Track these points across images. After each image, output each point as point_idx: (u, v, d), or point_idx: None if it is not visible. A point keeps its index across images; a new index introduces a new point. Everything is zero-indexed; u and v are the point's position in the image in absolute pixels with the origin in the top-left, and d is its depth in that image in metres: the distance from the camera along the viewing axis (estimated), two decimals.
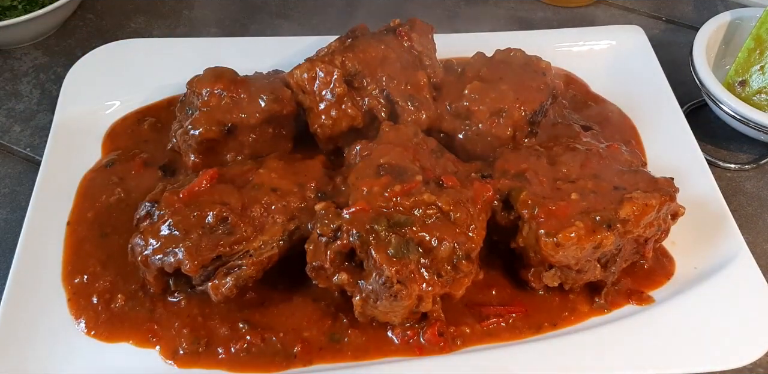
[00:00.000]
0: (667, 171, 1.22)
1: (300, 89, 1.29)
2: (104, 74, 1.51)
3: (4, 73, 1.67)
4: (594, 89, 1.56)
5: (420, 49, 1.35)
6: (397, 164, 1.13)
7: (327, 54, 1.30)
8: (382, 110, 1.28)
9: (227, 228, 1.11)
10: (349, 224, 1.05)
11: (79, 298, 1.18)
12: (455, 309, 1.17)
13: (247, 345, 1.13)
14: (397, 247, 1.03)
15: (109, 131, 1.44)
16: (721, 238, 1.25)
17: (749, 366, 1.11)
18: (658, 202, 1.11)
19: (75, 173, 1.36)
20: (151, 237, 1.11)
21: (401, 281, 1.01)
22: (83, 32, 1.79)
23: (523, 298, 1.20)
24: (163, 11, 1.86)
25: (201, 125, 1.25)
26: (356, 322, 1.12)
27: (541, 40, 1.59)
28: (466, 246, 1.07)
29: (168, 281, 1.15)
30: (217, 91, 1.26)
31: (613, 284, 1.20)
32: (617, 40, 1.61)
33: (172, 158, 1.39)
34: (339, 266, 1.07)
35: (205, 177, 1.17)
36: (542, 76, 1.32)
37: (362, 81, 1.27)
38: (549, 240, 1.08)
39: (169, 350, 1.13)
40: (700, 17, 1.82)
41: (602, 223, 1.08)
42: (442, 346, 1.12)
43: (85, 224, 1.28)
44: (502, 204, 1.17)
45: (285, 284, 1.20)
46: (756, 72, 1.45)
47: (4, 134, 1.54)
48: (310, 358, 1.12)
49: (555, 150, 1.24)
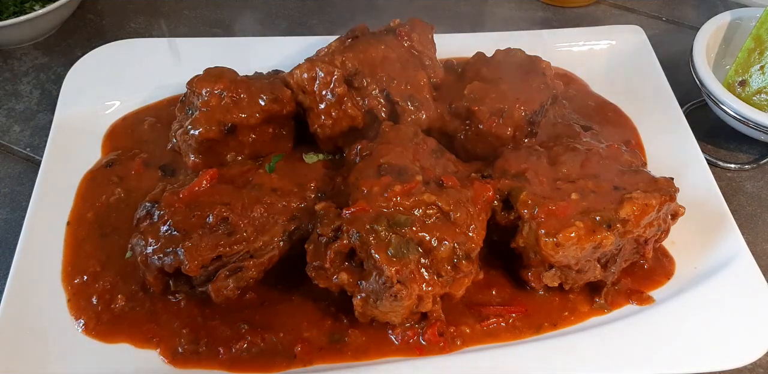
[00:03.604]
0: (667, 171, 1.22)
1: (300, 89, 1.29)
2: (104, 74, 1.51)
3: (4, 73, 1.67)
4: (594, 89, 1.56)
5: (420, 49, 1.35)
6: (397, 164, 1.13)
7: (327, 54, 1.30)
8: (382, 110, 1.28)
9: (227, 228, 1.11)
10: (349, 224, 1.05)
11: (79, 298, 1.18)
12: (455, 309, 1.17)
13: (247, 345, 1.13)
14: (397, 247, 1.03)
15: (109, 131, 1.44)
16: (721, 238, 1.25)
17: (749, 366, 1.12)
18: (658, 202, 1.11)
19: (75, 173, 1.36)
20: (151, 237, 1.11)
21: (401, 281, 1.01)
22: (83, 32, 1.78)
23: (523, 298, 1.20)
24: (163, 11, 1.86)
25: (201, 125, 1.24)
26: (356, 322, 1.12)
27: (541, 40, 1.59)
28: (466, 246, 1.07)
29: (168, 281, 1.14)
30: (217, 92, 1.26)
31: (613, 284, 1.20)
32: (617, 40, 1.61)
33: (172, 158, 1.38)
34: (339, 266, 1.07)
35: (206, 177, 1.17)
36: (542, 76, 1.32)
37: (362, 81, 1.27)
38: (549, 240, 1.08)
39: (169, 350, 1.12)
40: (700, 17, 1.83)
41: (602, 223, 1.08)
42: (442, 346, 1.12)
43: (85, 224, 1.28)
44: (502, 204, 1.17)
45: (285, 284, 1.20)
46: (756, 72, 1.45)
47: (4, 134, 1.54)
48: (310, 358, 1.12)
49: (555, 150, 1.23)
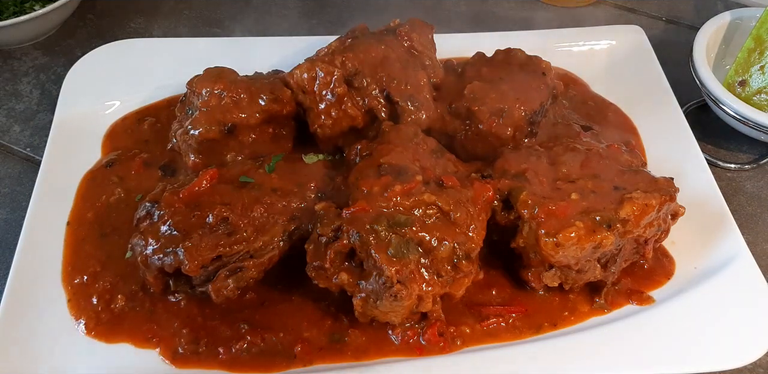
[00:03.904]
0: (667, 171, 1.22)
1: (300, 89, 1.29)
2: (104, 74, 1.50)
3: (4, 74, 1.67)
4: (594, 89, 1.56)
5: (420, 49, 1.34)
6: (397, 164, 1.13)
7: (327, 54, 1.30)
8: (382, 110, 1.28)
9: (227, 228, 1.11)
10: (349, 224, 1.05)
11: (79, 299, 1.18)
12: (455, 309, 1.17)
13: (247, 345, 1.13)
14: (397, 247, 1.03)
15: (109, 131, 1.44)
16: (721, 238, 1.25)
17: (749, 366, 1.12)
18: (658, 202, 1.11)
19: (75, 173, 1.36)
20: (151, 237, 1.11)
21: (401, 281, 1.01)
22: (83, 32, 1.78)
23: (523, 298, 1.20)
24: (163, 11, 1.85)
25: (201, 125, 1.24)
26: (356, 322, 1.12)
27: (541, 40, 1.59)
28: (466, 246, 1.07)
29: (168, 281, 1.14)
30: (217, 92, 1.26)
31: (613, 284, 1.20)
32: (617, 40, 1.61)
33: (172, 158, 1.38)
34: (339, 266, 1.07)
35: (205, 177, 1.16)
36: (542, 76, 1.32)
37: (362, 81, 1.27)
38: (549, 240, 1.08)
39: (169, 350, 1.12)
40: (700, 17, 1.82)
41: (602, 223, 1.08)
42: (442, 346, 1.12)
43: (85, 224, 1.28)
44: (502, 204, 1.17)
45: (285, 284, 1.20)
46: (756, 72, 1.45)
47: (4, 134, 1.54)
48: (311, 358, 1.12)
49: (555, 150, 1.23)
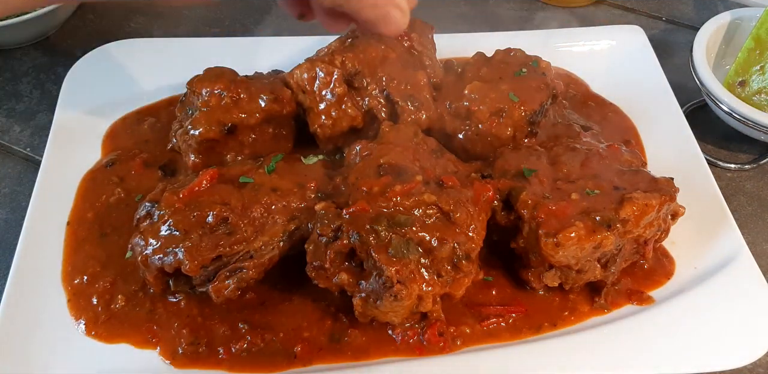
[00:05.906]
0: (667, 171, 1.22)
1: (300, 89, 1.29)
2: (104, 74, 1.51)
3: (4, 73, 1.67)
4: (594, 89, 1.56)
5: (420, 49, 1.35)
6: (397, 164, 1.13)
7: (327, 54, 1.30)
8: (382, 110, 1.28)
9: (227, 228, 1.11)
10: (349, 224, 1.05)
11: (79, 299, 1.18)
12: (455, 309, 1.17)
13: (247, 345, 1.13)
14: (397, 247, 1.03)
15: (109, 131, 1.44)
16: (721, 238, 1.25)
17: (749, 366, 1.12)
18: (658, 202, 1.11)
19: (75, 173, 1.36)
20: (151, 237, 1.11)
21: (401, 281, 1.01)
22: (83, 32, 1.78)
23: (523, 298, 1.20)
24: (163, 11, 1.85)
25: (201, 125, 1.25)
26: (356, 322, 1.12)
27: (541, 40, 1.59)
28: (466, 246, 1.07)
29: (168, 281, 1.14)
30: (217, 92, 1.26)
31: (613, 284, 1.20)
32: (617, 40, 1.61)
33: (172, 158, 1.39)
34: (339, 266, 1.07)
35: (205, 177, 1.16)
36: (542, 76, 1.32)
37: (362, 81, 1.27)
38: (549, 240, 1.08)
39: (168, 350, 1.12)
40: (700, 17, 1.83)
41: (602, 223, 1.08)
42: (442, 346, 1.12)
43: (85, 224, 1.28)
44: (502, 204, 1.17)
45: (285, 284, 1.20)
46: (756, 72, 1.45)
47: (4, 134, 1.54)
48: (310, 358, 1.12)
49: (555, 150, 1.23)
